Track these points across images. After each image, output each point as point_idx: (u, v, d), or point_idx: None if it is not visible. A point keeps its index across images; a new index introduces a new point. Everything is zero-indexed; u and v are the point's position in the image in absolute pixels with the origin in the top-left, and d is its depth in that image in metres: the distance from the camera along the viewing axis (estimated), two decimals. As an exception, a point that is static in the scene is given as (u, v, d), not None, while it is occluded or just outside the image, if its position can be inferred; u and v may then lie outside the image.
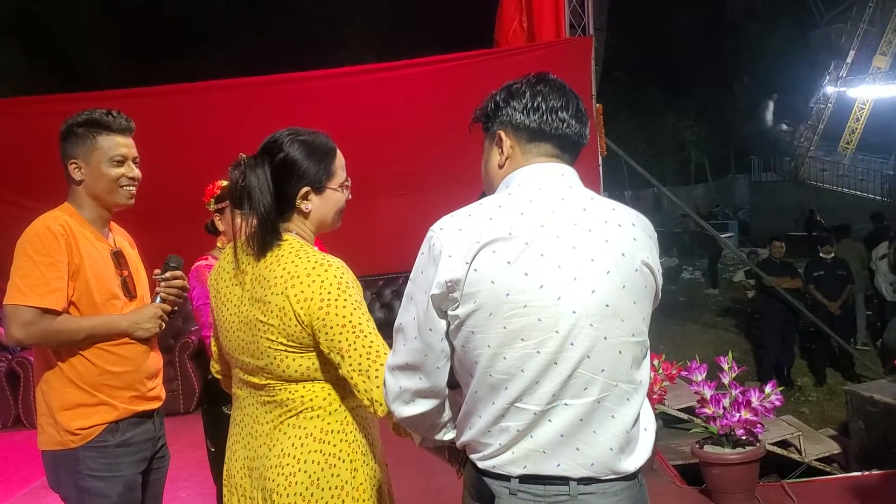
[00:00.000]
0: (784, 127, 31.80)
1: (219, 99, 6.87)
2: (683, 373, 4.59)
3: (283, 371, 1.98)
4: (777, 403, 4.23)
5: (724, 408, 4.18)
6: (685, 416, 6.38)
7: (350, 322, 1.92)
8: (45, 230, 2.40)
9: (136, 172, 2.59)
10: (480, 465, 1.70)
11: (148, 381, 2.59)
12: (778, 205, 25.02)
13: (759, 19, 29.77)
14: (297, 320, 1.93)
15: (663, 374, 4.82)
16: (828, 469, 6.54)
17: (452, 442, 1.85)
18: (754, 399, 4.16)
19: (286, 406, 2.01)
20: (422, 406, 1.76)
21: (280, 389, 2.01)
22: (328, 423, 2.01)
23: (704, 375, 4.35)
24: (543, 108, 1.75)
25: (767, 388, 4.22)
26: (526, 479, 1.65)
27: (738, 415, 4.14)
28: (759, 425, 4.20)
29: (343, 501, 2.00)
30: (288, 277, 1.95)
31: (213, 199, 3.39)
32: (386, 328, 1.83)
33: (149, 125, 5.99)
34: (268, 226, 2.00)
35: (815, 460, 6.54)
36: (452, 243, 1.64)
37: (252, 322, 1.99)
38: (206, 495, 4.33)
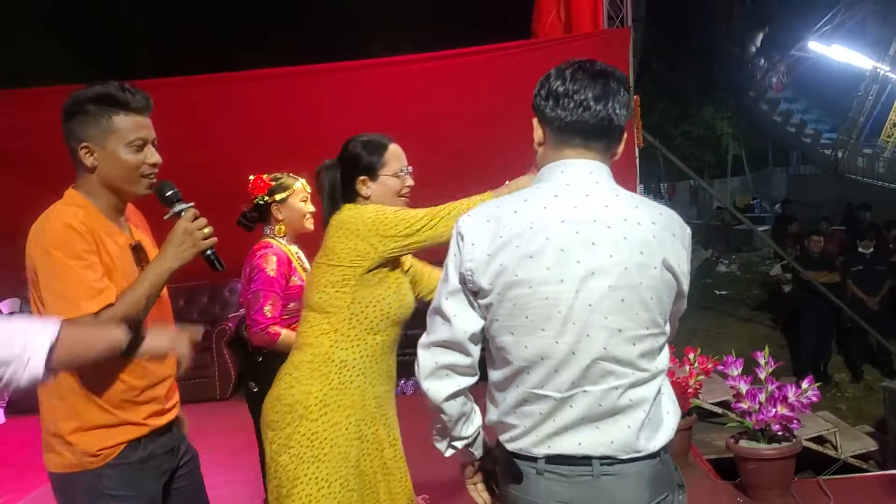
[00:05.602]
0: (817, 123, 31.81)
1: (255, 89, 6.90)
2: (719, 367, 4.57)
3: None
4: (814, 399, 4.20)
5: (760, 402, 4.16)
6: (719, 411, 6.34)
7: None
8: (68, 229, 2.08)
9: (157, 157, 2.25)
10: (509, 447, 1.80)
11: (168, 393, 2.37)
12: (817, 198, 24.65)
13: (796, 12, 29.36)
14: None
15: (698, 368, 4.79)
16: (864, 466, 6.47)
17: (474, 440, 1.95)
18: (791, 394, 4.13)
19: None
20: (456, 382, 1.83)
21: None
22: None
23: (740, 370, 4.32)
24: (561, 93, 1.78)
25: (805, 384, 4.19)
26: (551, 459, 1.74)
27: (774, 410, 4.12)
28: (795, 421, 4.17)
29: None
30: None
31: (268, 191, 3.56)
32: (419, 317, 1.91)
33: (185, 115, 6.10)
34: (332, 205, 2.67)
35: (852, 457, 6.47)
36: (476, 232, 1.76)
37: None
38: (241, 482, 4.38)
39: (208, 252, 2.22)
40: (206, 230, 2.20)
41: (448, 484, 4.40)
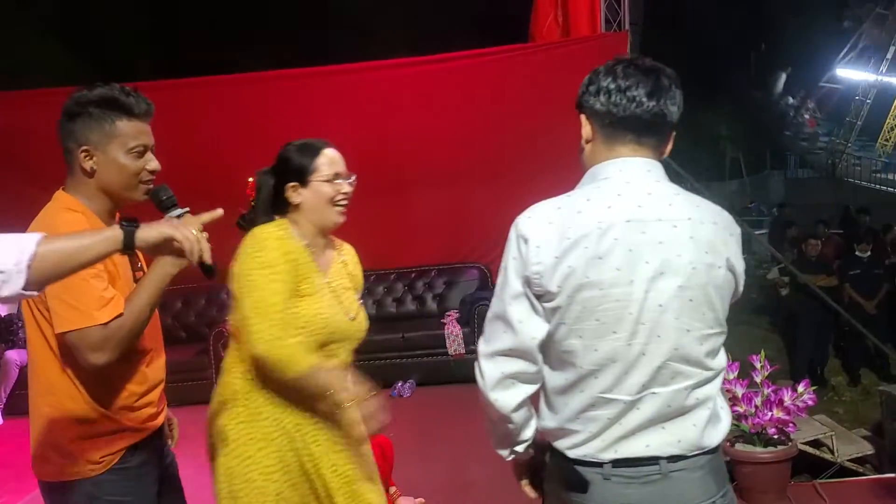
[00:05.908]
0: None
1: (255, 91, 6.92)
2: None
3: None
4: (810, 403, 4.20)
5: (756, 406, 4.17)
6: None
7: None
8: None
9: (156, 164, 2.21)
10: (571, 454, 1.76)
11: (160, 397, 2.37)
12: (814, 202, 24.66)
13: (797, 13, 29.39)
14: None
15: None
16: (860, 470, 6.46)
17: (531, 447, 1.91)
18: (787, 398, 4.14)
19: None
20: (523, 391, 1.79)
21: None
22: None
23: (736, 373, 4.33)
24: (612, 89, 1.76)
25: (800, 388, 4.20)
26: (618, 463, 1.72)
27: (769, 413, 4.12)
28: (791, 424, 4.18)
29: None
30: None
31: None
32: (417, 320, 1.90)
33: (184, 117, 6.11)
34: (264, 214, 2.52)
35: (848, 461, 6.46)
36: (541, 234, 1.70)
37: None
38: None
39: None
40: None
41: (445, 486, 4.41)
